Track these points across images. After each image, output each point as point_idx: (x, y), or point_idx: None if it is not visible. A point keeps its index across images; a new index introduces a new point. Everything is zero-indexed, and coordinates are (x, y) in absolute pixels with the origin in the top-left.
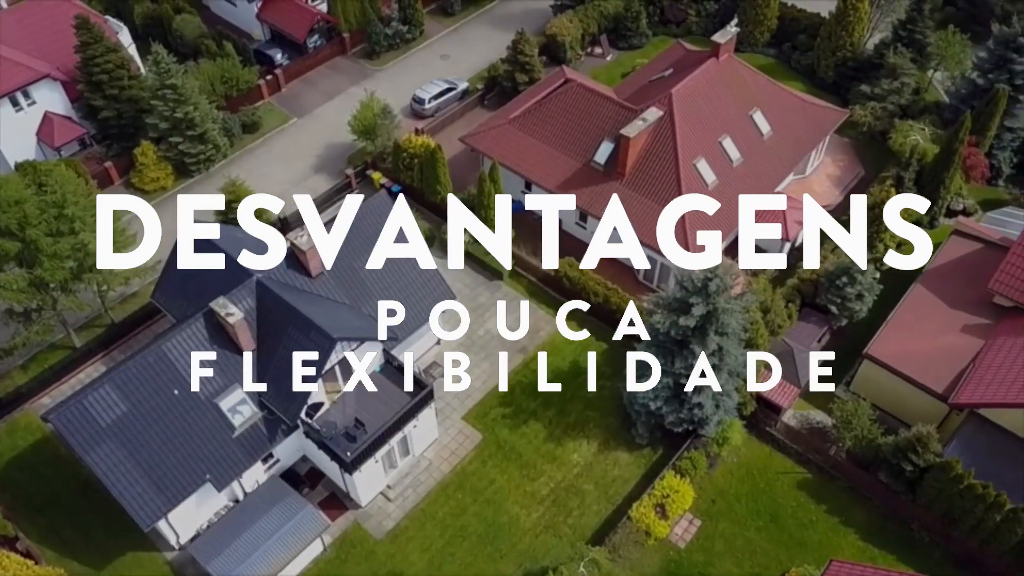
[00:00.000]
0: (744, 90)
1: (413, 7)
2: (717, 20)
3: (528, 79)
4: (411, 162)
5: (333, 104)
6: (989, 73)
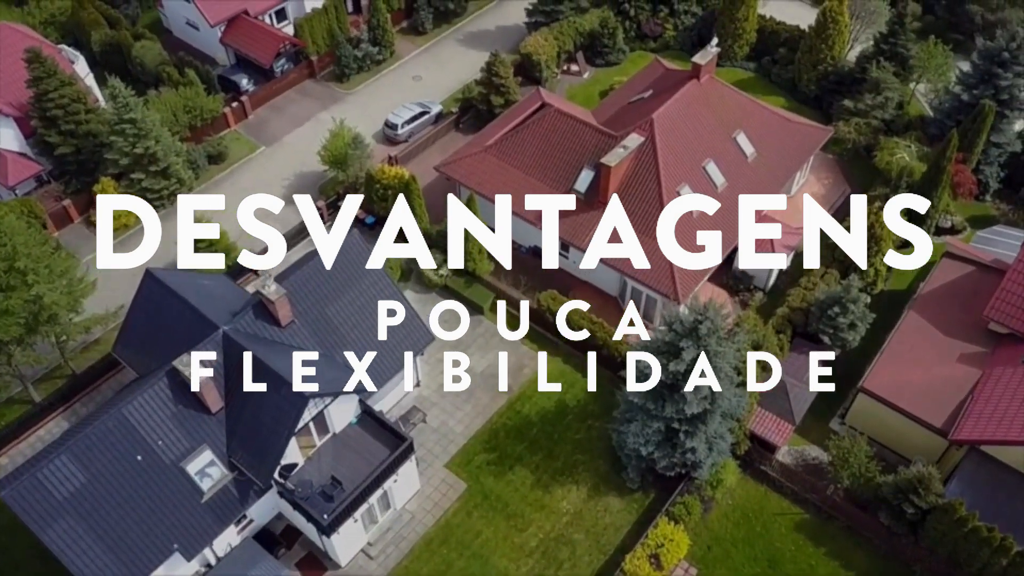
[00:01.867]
0: (726, 112)
1: (383, 28)
2: (695, 34)
3: (504, 101)
4: (385, 193)
5: (302, 131)
6: (974, 88)
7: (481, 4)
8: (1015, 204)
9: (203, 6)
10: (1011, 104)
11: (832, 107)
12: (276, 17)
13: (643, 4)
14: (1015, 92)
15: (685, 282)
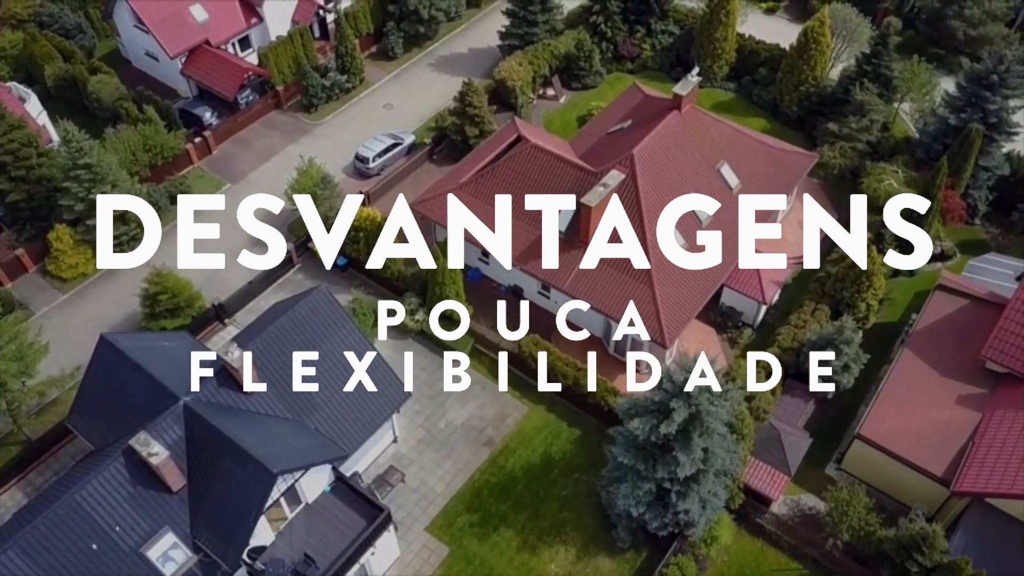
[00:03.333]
0: (709, 142)
1: (351, 55)
2: (672, 54)
3: (479, 132)
4: (356, 235)
5: (270, 166)
6: (961, 112)
7: (452, 26)
8: (1004, 227)
9: (162, 37)
10: (999, 127)
11: (815, 129)
12: (240, 46)
13: (619, 24)
14: (1003, 115)
15: (671, 324)
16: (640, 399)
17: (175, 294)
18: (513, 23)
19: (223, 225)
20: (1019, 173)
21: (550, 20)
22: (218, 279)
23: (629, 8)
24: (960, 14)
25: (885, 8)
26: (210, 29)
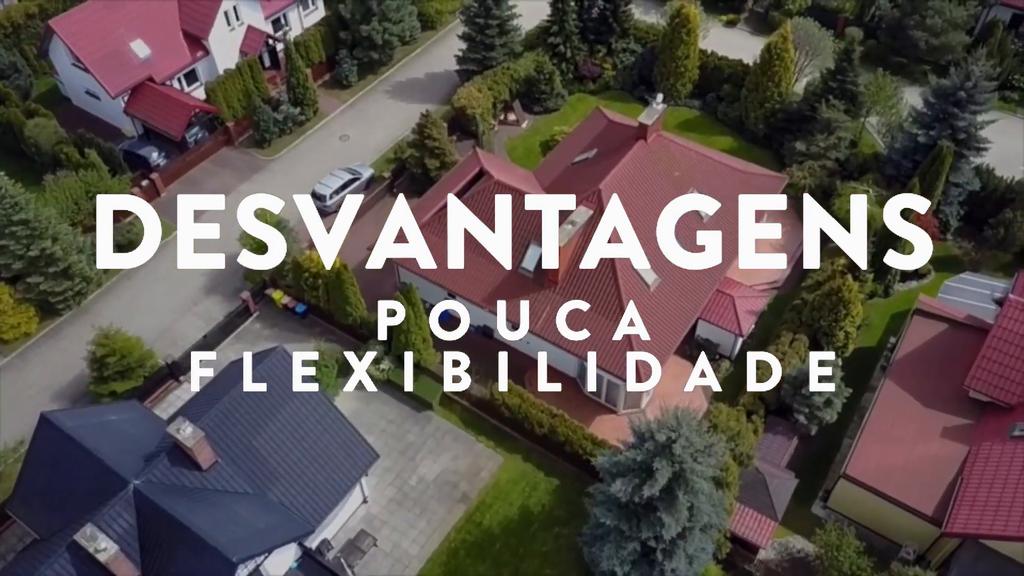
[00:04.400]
0: (677, 170)
1: (303, 86)
2: (635, 72)
3: (440, 164)
4: (315, 282)
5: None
6: (930, 129)
7: (408, 50)
8: (977, 242)
9: (101, 76)
10: (968, 143)
11: (783, 146)
12: (186, 80)
13: (579, 45)
14: (972, 131)
15: (647, 365)
16: (621, 458)
17: (124, 355)
18: (470, 47)
19: (174, 274)
20: (989, 187)
21: (508, 43)
22: (171, 333)
23: (588, 27)
24: (922, 24)
25: (845, 18)
26: (153, 65)
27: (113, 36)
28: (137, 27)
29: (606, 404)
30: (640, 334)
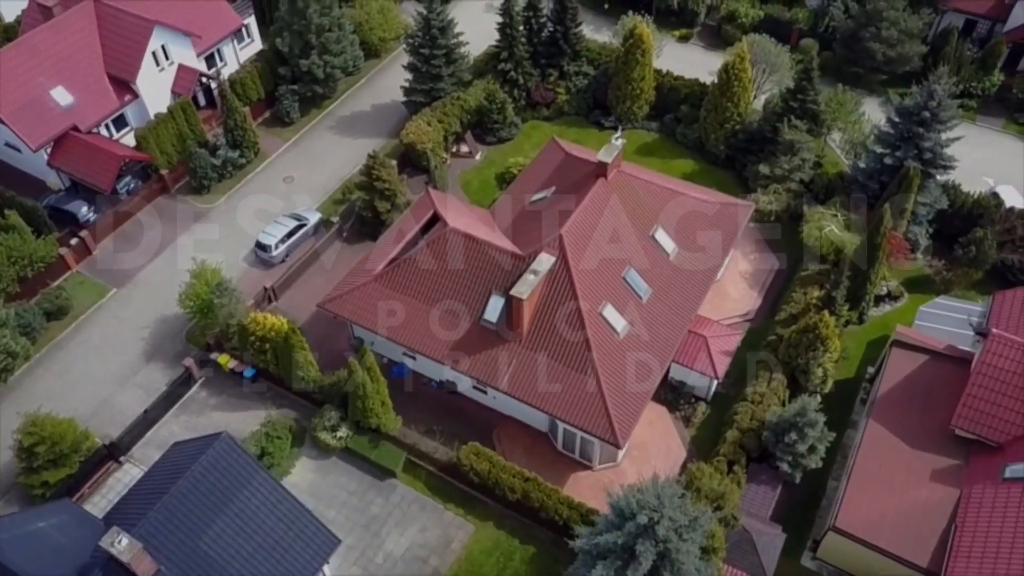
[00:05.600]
0: (640, 208)
1: (241, 127)
2: (589, 96)
3: (390, 205)
4: (263, 345)
5: (160, 262)
6: (896, 150)
7: (352, 81)
8: (947, 259)
9: (20, 128)
10: (935, 163)
11: (745, 168)
12: (115, 126)
13: (530, 70)
14: (938, 150)
15: (623, 421)
16: (601, 540)
17: (56, 442)
18: (416, 78)
19: (110, 340)
20: (956, 204)
21: (456, 72)
22: (109, 407)
23: (539, 51)
24: (877, 35)
25: (799, 29)
26: (77, 113)
27: (31, 85)
28: (57, 73)
29: (580, 460)
30: (613, 388)
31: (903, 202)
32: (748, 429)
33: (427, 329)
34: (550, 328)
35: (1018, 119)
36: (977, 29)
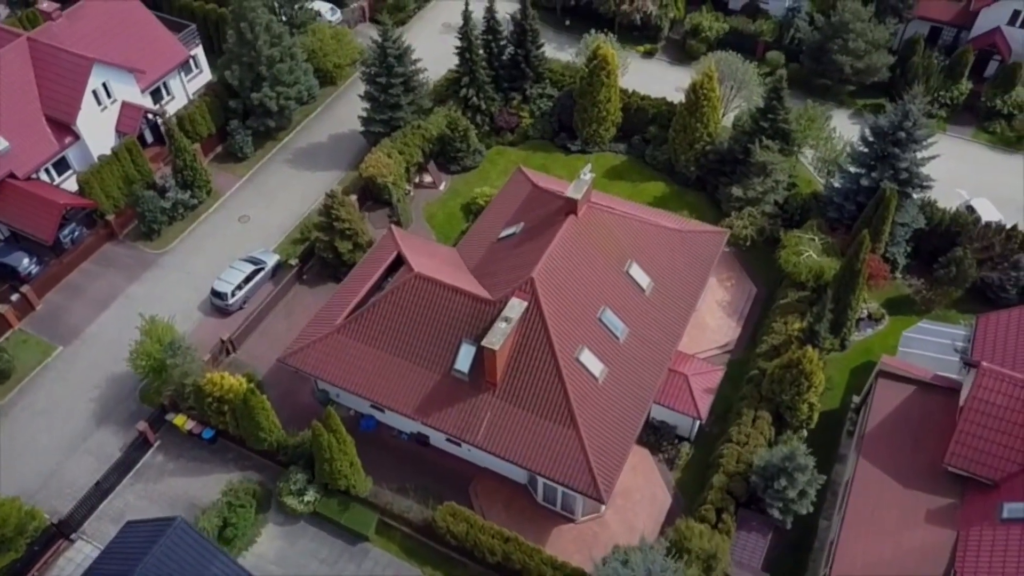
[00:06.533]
0: (613, 243)
1: (192, 167)
2: (554, 119)
3: (352, 245)
4: (221, 406)
5: (110, 316)
6: (872, 171)
7: (308, 111)
8: (926, 278)
9: None
10: (911, 182)
11: (717, 189)
12: (56, 170)
13: (492, 94)
14: (914, 170)
15: (605, 474)
16: None
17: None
18: (374, 108)
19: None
20: (933, 221)
21: (416, 100)
22: (58, 479)
23: (501, 75)
24: (845, 48)
25: (765, 42)
26: (13, 159)
27: None
28: None
29: (562, 512)
30: (594, 438)
31: (881, 225)
32: (735, 473)
33: (395, 381)
34: (525, 377)
35: (987, 127)
36: (942, 36)
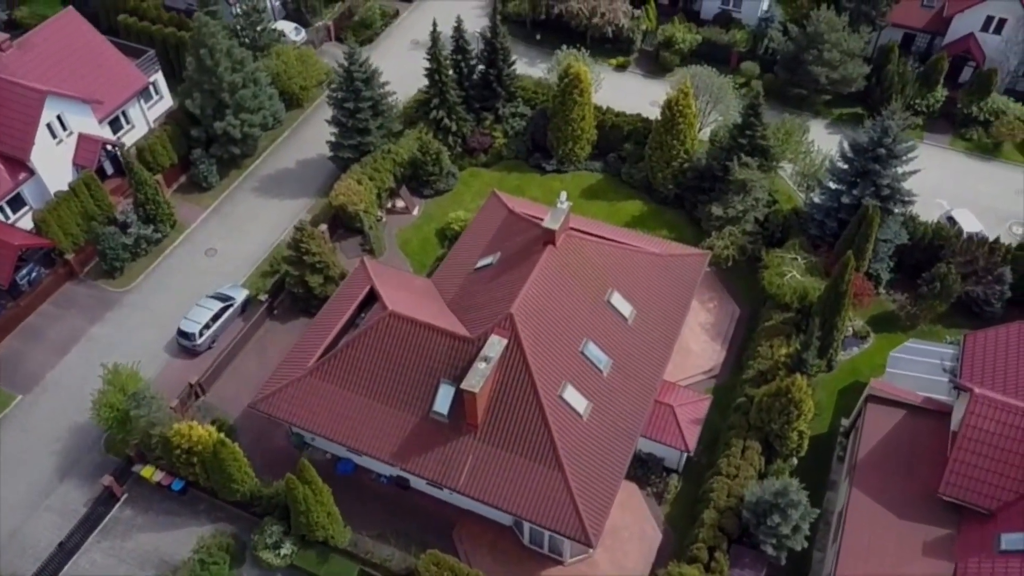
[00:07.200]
0: (593, 272)
1: (154, 200)
2: (527, 139)
3: (323, 279)
4: (190, 458)
5: (71, 361)
6: (853, 187)
7: (274, 135)
8: (910, 292)
9: None
10: (893, 198)
11: (696, 207)
12: (10, 208)
13: (464, 115)
14: (896, 186)
15: (593, 516)
16: None
17: None
18: (342, 133)
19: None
20: (916, 236)
21: (385, 123)
22: (19, 539)
23: (472, 95)
24: (819, 58)
25: (738, 52)
26: None
27: None
28: None
29: (550, 555)
30: (580, 479)
31: (864, 243)
32: (726, 508)
33: (371, 425)
34: (507, 417)
35: (965, 135)
36: (916, 43)
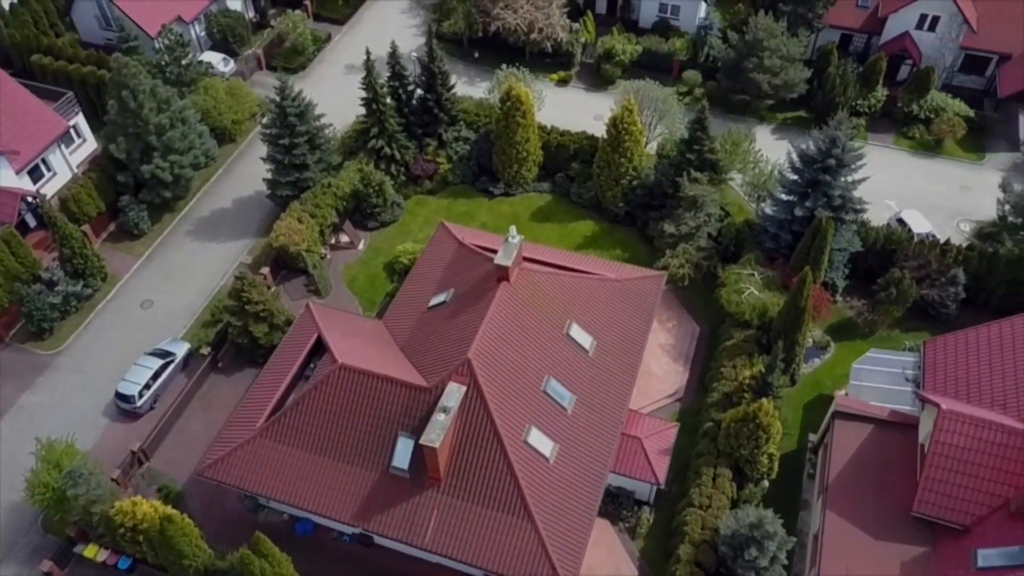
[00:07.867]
0: (550, 306)
1: (81, 254)
2: (473, 163)
3: (268, 327)
4: (135, 536)
5: (2, 434)
6: (805, 200)
7: (207, 174)
8: (867, 300)
9: None
10: (845, 207)
11: (648, 225)
12: None
13: (405, 142)
14: (847, 195)
15: (567, 563)
16: None
17: None
18: (278, 170)
19: None
20: (868, 242)
21: (323, 157)
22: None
23: (412, 121)
24: (760, 65)
25: (680, 61)
26: None
27: None
28: None
29: None
30: (550, 525)
31: (819, 255)
32: (701, 541)
33: (328, 485)
34: (471, 468)
35: (906, 133)
36: (853, 43)
